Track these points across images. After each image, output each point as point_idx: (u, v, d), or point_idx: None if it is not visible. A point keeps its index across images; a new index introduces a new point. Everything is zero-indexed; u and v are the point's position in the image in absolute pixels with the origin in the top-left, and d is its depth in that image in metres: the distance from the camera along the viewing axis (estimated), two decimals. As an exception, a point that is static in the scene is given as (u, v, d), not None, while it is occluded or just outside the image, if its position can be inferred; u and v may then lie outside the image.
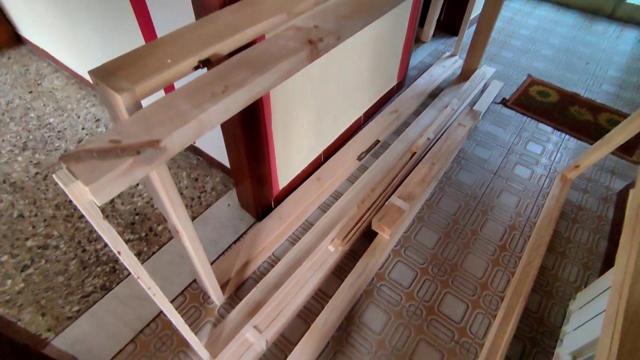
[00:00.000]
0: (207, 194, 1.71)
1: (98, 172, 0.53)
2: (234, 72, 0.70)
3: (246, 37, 0.81)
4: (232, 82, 0.68)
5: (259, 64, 0.71)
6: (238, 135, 1.26)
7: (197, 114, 0.62)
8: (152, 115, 0.61)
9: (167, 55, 0.73)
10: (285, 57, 0.73)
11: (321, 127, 1.64)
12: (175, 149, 0.61)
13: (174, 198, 0.87)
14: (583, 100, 2.22)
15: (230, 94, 0.65)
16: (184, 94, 0.65)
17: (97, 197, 0.54)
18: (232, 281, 1.38)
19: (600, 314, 1.02)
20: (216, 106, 0.64)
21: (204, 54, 0.75)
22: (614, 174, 1.84)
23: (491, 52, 2.60)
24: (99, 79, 0.67)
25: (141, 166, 0.57)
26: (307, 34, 0.80)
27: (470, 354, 1.26)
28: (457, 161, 1.85)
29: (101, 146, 0.56)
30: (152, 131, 0.59)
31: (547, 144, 1.97)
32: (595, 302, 1.11)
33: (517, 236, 1.57)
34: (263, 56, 0.73)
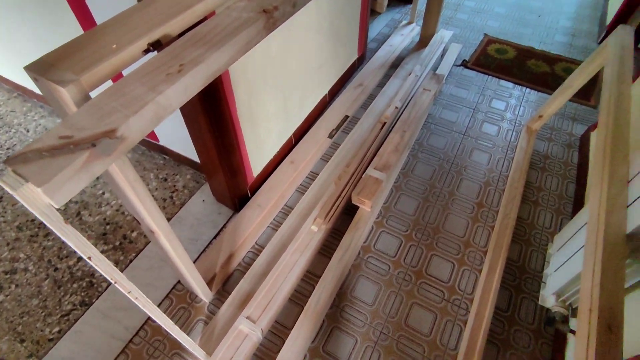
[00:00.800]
0: (179, 193, 1.65)
1: (50, 171, 0.48)
2: (189, 50, 0.65)
3: (196, 13, 0.76)
4: (188, 60, 0.63)
5: (214, 39, 0.67)
6: (203, 127, 1.21)
7: (153, 97, 0.57)
8: (103, 103, 0.56)
9: (112, 41, 0.67)
10: (240, 29, 0.69)
11: (288, 109, 1.60)
12: (134, 136, 0.56)
13: (142, 195, 0.81)
14: (539, 53, 2.28)
15: (187, 72, 0.61)
16: (137, 77, 0.60)
17: (54, 198, 0.49)
18: (218, 276, 1.35)
19: (578, 252, 1.07)
20: (173, 87, 0.59)
21: (153, 35, 0.69)
22: (575, 119, 1.91)
23: (446, 16, 2.62)
24: (37, 74, 0.61)
25: (99, 159, 0.52)
26: (260, 3, 0.76)
27: (462, 309, 1.29)
28: (427, 127, 1.86)
29: (51, 144, 0.51)
30: (106, 120, 0.54)
31: (509, 99, 2.01)
32: (571, 242, 1.16)
33: (492, 191, 1.61)
34: (217, 30, 0.69)
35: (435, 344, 1.21)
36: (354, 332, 1.24)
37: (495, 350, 1.20)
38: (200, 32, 0.69)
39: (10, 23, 1.52)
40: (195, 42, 0.67)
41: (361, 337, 1.23)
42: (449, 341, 1.22)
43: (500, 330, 1.24)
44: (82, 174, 0.51)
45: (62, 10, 1.25)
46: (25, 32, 1.51)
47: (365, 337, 1.23)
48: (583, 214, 1.15)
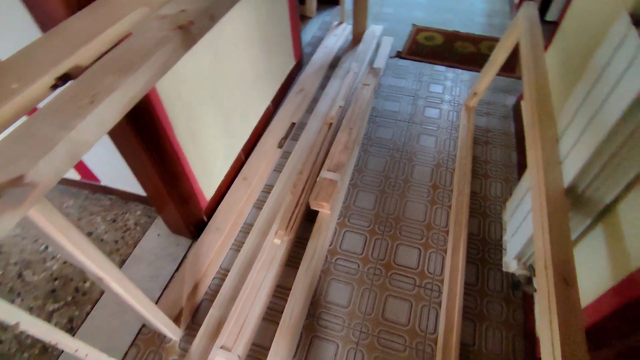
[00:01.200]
0: (131, 232, 1.55)
1: (-52, 235, 0.42)
2: (100, 79, 0.61)
3: (108, 39, 0.71)
4: (100, 90, 0.59)
5: (126, 64, 0.63)
6: (142, 158, 1.14)
7: (65, 134, 0.52)
8: (8, 150, 0.51)
9: (12, 80, 0.61)
10: (155, 50, 0.65)
11: (232, 126, 1.56)
12: (47, 181, 0.51)
13: (77, 240, 0.75)
14: (463, 35, 2.40)
15: (99, 103, 0.56)
16: (45, 115, 0.55)
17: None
18: (185, 310, 1.28)
19: (528, 214, 1.12)
20: (86, 120, 0.55)
21: (60, 68, 0.64)
22: (506, 92, 2.03)
23: (374, 12, 2.70)
24: None
25: (7, 211, 0.46)
26: (174, 20, 0.72)
27: (434, 292, 1.31)
28: (372, 120, 1.89)
29: (-55, 205, 0.45)
30: (10, 168, 0.48)
31: (445, 82, 2.10)
32: (521, 206, 1.21)
33: (444, 172, 1.66)
34: (129, 54, 0.65)
35: (415, 332, 1.22)
36: (334, 337, 1.22)
37: (471, 325, 1.23)
38: (112, 58, 0.65)
39: None
40: (106, 70, 0.62)
41: (342, 340, 1.21)
42: (427, 326, 1.23)
43: (474, 305, 1.28)
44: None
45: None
46: None
47: (345, 340, 1.21)
48: (526, 177, 1.21)
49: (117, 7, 0.79)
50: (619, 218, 0.84)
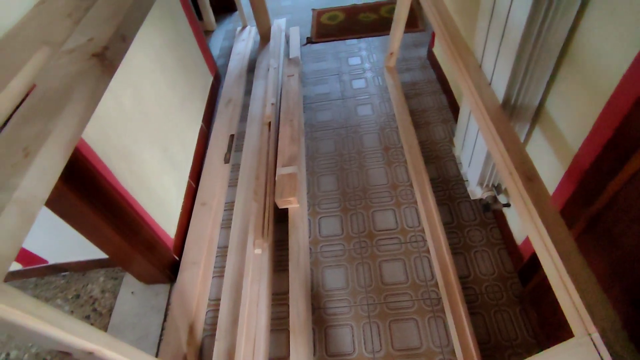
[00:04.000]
0: (100, 301, 1.42)
1: None
2: (25, 129, 0.54)
3: (15, 91, 0.64)
4: (30, 141, 0.53)
5: (49, 107, 0.57)
6: (92, 219, 1.05)
7: (7, 196, 0.46)
8: (-57, 236, 0.44)
9: None
10: (76, 84, 0.60)
11: (173, 156, 1.49)
12: (9, 251, 0.45)
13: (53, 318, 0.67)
14: (362, 6, 2.51)
15: (36, 153, 0.51)
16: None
17: None
18: (189, 355, 1.20)
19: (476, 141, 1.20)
20: (29, 174, 0.49)
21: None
22: (416, 45, 2.16)
23: (273, 7, 2.71)
24: None
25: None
26: (85, 50, 0.67)
27: (419, 242, 1.36)
28: (308, 107, 1.91)
29: None
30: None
31: (361, 52, 2.19)
32: (467, 137, 1.30)
33: (389, 132, 1.73)
34: (49, 95, 0.59)
35: (416, 284, 1.27)
36: (345, 320, 1.22)
37: (462, 257, 1.31)
38: (30, 106, 0.58)
39: None
40: (27, 120, 0.56)
41: (354, 320, 1.22)
42: (425, 275, 1.28)
43: (458, 240, 1.35)
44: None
45: None
46: None
47: (357, 318, 1.22)
48: (463, 110, 1.30)
49: (13, 56, 0.71)
50: (549, 114, 0.94)
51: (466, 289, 1.23)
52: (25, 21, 0.81)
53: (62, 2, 0.87)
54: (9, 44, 0.74)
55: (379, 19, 2.37)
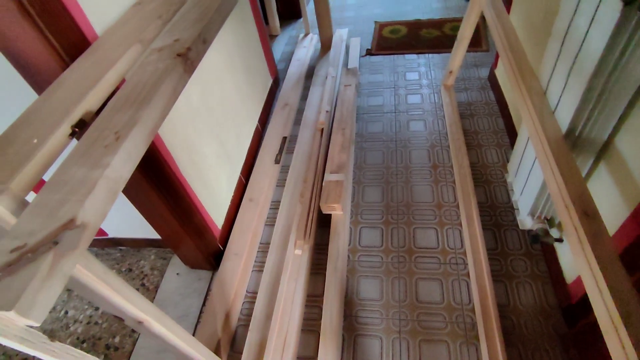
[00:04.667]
0: (149, 277, 1.54)
1: (16, 289, 0.42)
2: (117, 116, 0.62)
3: (110, 81, 0.73)
4: (121, 125, 0.60)
5: (139, 98, 0.65)
6: (154, 201, 1.15)
7: (99, 173, 0.54)
8: (47, 200, 0.52)
9: (30, 137, 0.62)
10: (162, 79, 0.68)
11: (228, 151, 1.58)
12: (96, 221, 0.52)
13: (117, 285, 0.75)
14: (426, 22, 2.50)
15: (125, 137, 0.58)
16: (73, 161, 0.56)
17: (32, 316, 0.43)
18: (223, 340, 1.26)
19: (532, 170, 1.16)
20: (117, 156, 0.56)
21: (73, 117, 0.65)
22: (477, 65, 2.11)
23: (336, 17, 2.78)
24: (-43, 200, 0.54)
25: (66, 256, 0.47)
26: (171, 50, 0.75)
27: (459, 265, 1.34)
28: (360, 118, 1.94)
29: (3, 262, 0.45)
30: (57, 214, 0.49)
31: (419, 68, 2.18)
32: (523, 164, 1.26)
33: (440, 151, 1.71)
34: (138, 89, 0.67)
35: (451, 307, 1.24)
36: (376, 331, 1.22)
37: (502, 286, 1.26)
38: (122, 96, 0.66)
39: None
40: (120, 107, 0.64)
41: (384, 333, 1.22)
42: (461, 298, 1.25)
43: (499, 267, 1.31)
44: (53, 279, 0.46)
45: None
46: None
47: (387, 331, 1.22)
48: (521, 136, 1.26)
49: (110, 51, 0.81)
50: (618, 150, 0.89)
51: (504, 318, 1.19)
52: (124, 20, 0.91)
53: (154, 4, 0.97)
54: (109, 40, 0.84)
55: (442, 35, 2.35)
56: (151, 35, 0.88)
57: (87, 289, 0.71)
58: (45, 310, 0.45)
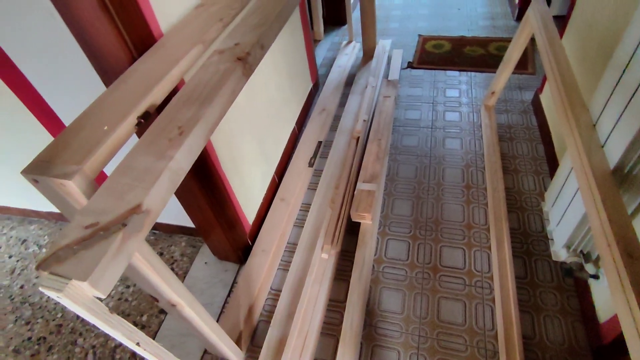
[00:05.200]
0: (179, 263, 1.60)
1: (90, 262, 0.47)
2: (182, 112, 0.67)
3: (174, 78, 0.78)
4: (185, 121, 0.65)
5: (201, 96, 0.69)
6: (194, 190, 1.20)
7: (164, 164, 0.58)
8: (116, 183, 0.56)
9: (101, 124, 0.67)
10: (223, 81, 0.72)
11: (266, 151, 1.63)
12: (158, 207, 0.56)
13: (161, 268, 0.79)
14: (470, 39, 2.48)
15: (188, 133, 0.62)
16: (141, 150, 0.61)
17: (100, 288, 0.48)
18: (244, 332, 1.30)
19: (572, 202, 1.14)
20: (180, 150, 0.60)
21: (140, 108, 0.71)
22: (522, 88, 2.07)
23: (380, 28, 2.80)
24: (37, 175, 0.60)
25: (132, 237, 0.52)
26: (232, 53, 0.79)
27: (485, 289, 1.32)
28: (396, 130, 1.95)
29: (79, 236, 0.50)
30: (127, 198, 0.54)
31: (460, 85, 2.16)
32: (562, 195, 1.23)
33: (474, 171, 1.69)
34: (201, 87, 0.71)
35: (473, 330, 1.23)
36: (394, 344, 1.23)
37: (529, 317, 1.23)
38: (186, 92, 0.71)
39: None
40: (184, 103, 0.69)
41: (402, 347, 1.22)
42: (484, 323, 1.24)
43: (527, 297, 1.28)
44: (119, 257, 0.50)
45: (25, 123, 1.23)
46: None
47: (406, 345, 1.22)
48: (563, 166, 1.24)
49: (174, 48, 0.86)
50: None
51: (528, 351, 1.16)
52: (187, 20, 0.97)
53: (216, 7, 1.02)
54: (174, 38, 0.90)
55: (486, 54, 2.33)
56: (212, 37, 0.93)
57: (133, 268, 0.76)
58: (111, 285, 0.49)
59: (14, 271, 1.67)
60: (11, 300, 1.56)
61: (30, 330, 1.45)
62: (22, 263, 1.70)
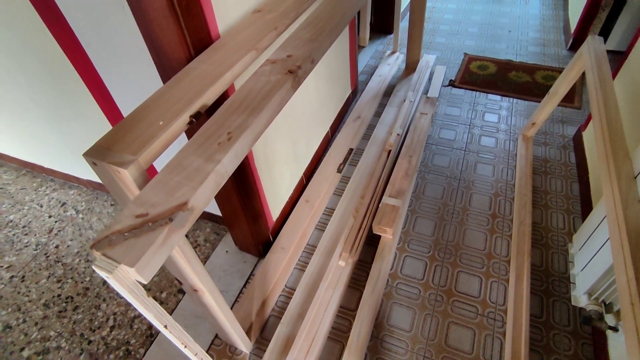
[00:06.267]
0: (201, 247, 1.67)
1: (138, 250, 0.52)
2: (232, 118, 0.71)
3: (226, 81, 0.83)
4: (234, 127, 0.69)
5: (251, 105, 0.74)
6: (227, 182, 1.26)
7: (212, 167, 0.62)
8: (167, 179, 0.61)
9: (157, 119, 0.73)
10: (273, 92, 0.76)
11: (297, 151, 1.67)
12: (201, 206, 0.61)
13: (189, 255, 0.85)
14: (517, 64, 2.43)
15: (236, 139, 0.67)
16: (192, 150, 0.66)
17: (144, 275, 0.52)
18: (255, 324, 1.35)
19: (601, 249, 1.12)
20: (228, 155, 0.65)
21: (193, 108, 0.76)
22: (564, 122, 2.02)
23: (426, 41, 2.79)
24: (96, 159, 0.66)
25: (176, 232, 0.56)
26: (283, 65, 0.83)
27: (498, 321, 1.31)
28: (428, 148, 1.94)
29: (130, 224, 0.55)
30: (175, 195, 0.59)
31: (500, 111, 2.13)
32: (592, 240, 1.21)
33: (503, 201, 1.67)
34: (252, 96, 0.76)
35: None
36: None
37: (538, 357, 1.22)
38: (237, 99, 0.75)
39: (21, 105, 1.58)
40: (235, 110, 0.73)
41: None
42: (492, 355, 1.23)
43: (540, 337, 1.27)
44: (163, 249, 0.55)
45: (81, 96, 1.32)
46: (38, 113, 1.57)
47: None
48: (597, 212, 1.21)
49: (229, 53, 0.91)
50: None
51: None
52: (244, 25, 1.01)
53: (271, 15, 1.06)
54: (230, 42, 0.95)
55: (532, 82, 2.27)
56: (265, 45, 0.97)
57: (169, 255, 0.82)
58: (153, 272, 0.54)
59: (51, 231, 1.80)
60: (46, 258, 1.68)
61: (60, 288, 1.56)
62: (59, 224, 1.82)
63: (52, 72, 1.30)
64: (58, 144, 1.72)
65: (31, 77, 1.38)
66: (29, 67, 1.34)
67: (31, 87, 1.43)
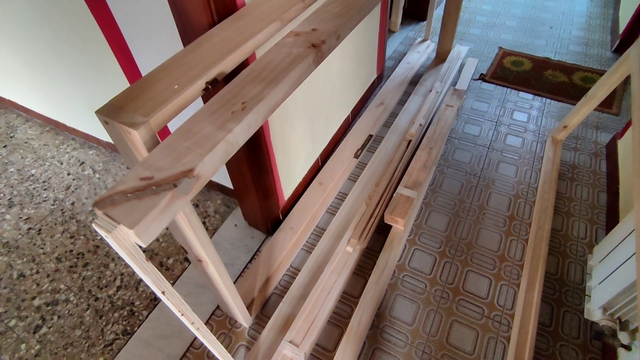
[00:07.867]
0: (211, 218, 1.68)
1: (139, 212, 0.51)
2: (248, 88, 0.68)
3: (247, 50, 0.80)
4: (249, 97, 0.66)
5: (269, 76, 0.71)
6: (240, 153, 1.24)
7: (223, 135, 0.60)
8: (177, 144, 0.60)
9: (172, 82, 0.71)
10: (293, 65, 0.72)
11: (315, 132, 1.64)
12: (207, 174, 0.59)
13: (196, 225, 0.84)
14: (555, 63, 2.30)
15: (250, 109, 0.64)
16: (204, 116, 0.64)
17: (143, 238, 0.51)
18: (257, 300, 1.36)
19: (623, 264, 1.06)
20: (240, 124, 0.62)
21: (210, 74, 0.73)
22: (599, 128, 1.91)
23: (460, 32, 2.67)
24: (108, 118, 0.65)
25: (179, 198, 0.55)
26: (307, 38, 0.79)
27: (503, 325, 1.27)
28: (450, 141, 1.88)
29: (134, 185, 0.54)
30: (182, 160, 0.57)
31: (530, 110, 2.03)
32: (614, 254, 1.15)
33: (523, 204, 1.61)
34: (271, 67, 0.73)
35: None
36: (396, 352, 1.23)
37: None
38: (256, 69, 0.73)
39: (47, 62, 1.60)
40: (252, 80, 0.70)
41: (403, 357, 1.22)
42: (493, 358, 1.20)
43: (546, 346, 1.23)
44: (165, 214, 0.53)
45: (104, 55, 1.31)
46: (62, 71, 1.58)
47: (407, 357, 1.22)
48: (624, 225, 1.14)
49: (253, 21, 0.87)
50: None
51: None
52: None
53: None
54: (254, 11, 0.91)
55: (568, 83, 2.15)
56: (291, 16, 0.93)
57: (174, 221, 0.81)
58: (153, 237, 0.53)
59: (69, 188, 1.84)
60: (62, 213, 1.72)
61: (73, 243, 1.60)
62: (77, 182, 1.86)
63: (78, 30, 1.29)
64: (80, 103, 1.73)
65: (57, 32, 1.38)
66: (56, 23, 1.34)
67: (58, 43, 1.44)
